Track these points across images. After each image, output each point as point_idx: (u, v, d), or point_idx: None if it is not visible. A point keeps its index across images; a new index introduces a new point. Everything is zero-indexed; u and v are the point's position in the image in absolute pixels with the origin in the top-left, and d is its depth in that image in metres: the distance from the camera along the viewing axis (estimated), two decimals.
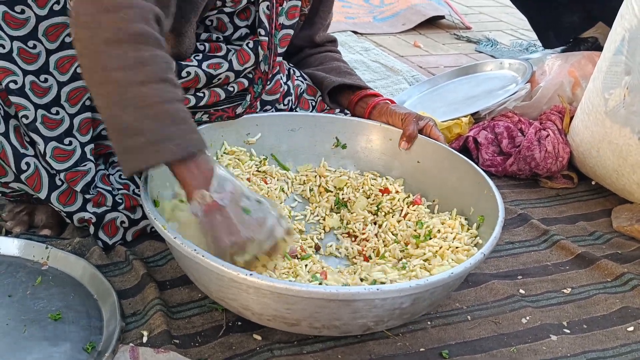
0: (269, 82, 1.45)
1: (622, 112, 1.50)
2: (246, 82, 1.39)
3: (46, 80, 1.21)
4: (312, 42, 1.64)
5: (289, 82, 1.53)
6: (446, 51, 2.90)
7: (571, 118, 1.79)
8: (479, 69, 2.26)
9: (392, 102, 1.51)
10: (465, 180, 1.31)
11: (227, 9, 1.33)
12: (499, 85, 2.08)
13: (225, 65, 1.34)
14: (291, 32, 1.44)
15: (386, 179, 1.43)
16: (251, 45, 1.36)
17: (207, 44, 1.35)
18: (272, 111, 1.51)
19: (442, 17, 3.29)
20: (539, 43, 2.63)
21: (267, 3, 1.34)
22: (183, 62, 1.29)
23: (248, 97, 1.41)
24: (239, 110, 1.41)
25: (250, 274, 0.95)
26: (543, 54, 2.36)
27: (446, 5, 3.33)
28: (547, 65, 1.99)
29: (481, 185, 1.25)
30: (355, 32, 3.02)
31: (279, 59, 1.44)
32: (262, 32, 1.36)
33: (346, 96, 1.56)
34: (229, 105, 1.40)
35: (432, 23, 3.25)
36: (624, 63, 1.49)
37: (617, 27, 1.54)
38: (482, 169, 1.31)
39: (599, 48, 2.01)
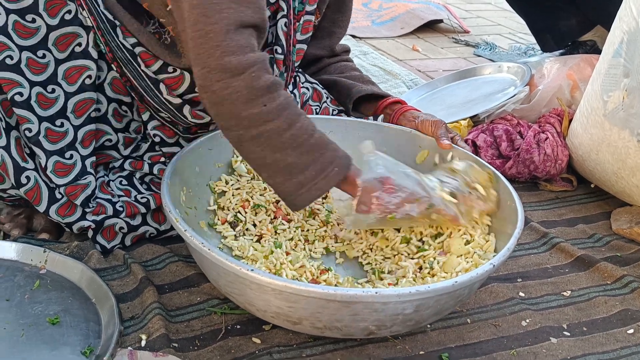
0: None
1: (621, 114, 1.49)
2: None
3: (53, 90, 1.20)
4: (331, 51, 1.66)
5: (295, 91, 1.53)
6: (445, 55, 2.90)
7: (570, 121, 1.79)
8: (477, 73, 2.25)
9: (419, 110, 1.51)
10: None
11: None
12: (497, 88, 2.08)
13: None
14: (305, 46, 1.44)
15: None
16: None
17: None
18: None
19: (441, 21, 3.30)
20: (537, 47, 2.63)
21: (285, 20, 1.34)
22: None
23: None
24: None
25: (252, 270, 0.96)
26: (541, 58, 2.36)
27: (445, 9, 3.34)
28: (546, 69, 1.99)
29: (505, 196, 1.25)
30: (353, 36, 3.03)
31: (299, 46, 1.44)
32: (279, 50, 1.35)
33: (370, 104, 1.57)
34: None
35: (431, 27, 3.26)
36: (623, 65, 1.49)
37: (616, 30, 1.54)
38: None
39: (597, 51, 2.01)
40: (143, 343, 1.09)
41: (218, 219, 1.29)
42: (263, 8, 1.09)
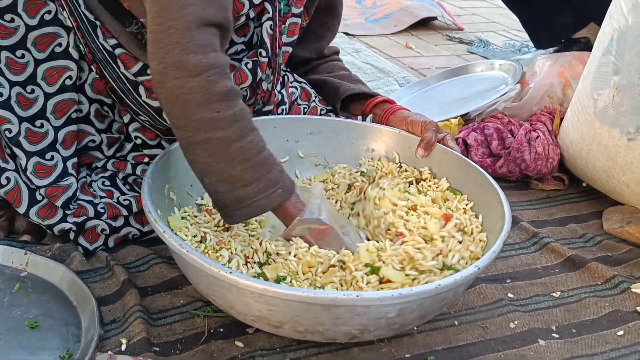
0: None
1: (611, 112, 1.48)
2: None
3: (33, 91, 1.18)
4: (320, 54, 1.65)
5: (283, 91, 1.51)
6: (438, 52, 2.88)
7: (561, 119, 1.77)
8: (469, 70, 2.24)
9: (408, 109, 1.50)
10: (479, 192, 1.29)
11: None
12: (489, 86, 2.06)
13: None
14: (290, 49, 1.42)
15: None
16: (250, 65, 1.34)
17: None
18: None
19: (435, 18, 3.28)
20: (532, 44, 2.62)
21: (270, 22, 1.32)
22: None
23: None
24: None
25: (230, 272, 0.94)
26: (534, 55, 2.35)
27: (439, 6, 3.32)
28: (538, 66, 1.97)
29: (493, 197, 1.23)
30: (346, 34, 3.01)
31: (285, 49, 1.41)
32: (263, 52, 1.33)
33: (358, 104, 1.55)
34: None
35: (425, 24, 3.24)
36: (613, 63, 1.47)
37: (606, 27, 1.53)
38: None
39: (591, 48, 2.00)
40: (123, 347, 1.07)
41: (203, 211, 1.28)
42: (227, 7, 1.07)
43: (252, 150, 1.04)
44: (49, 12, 1.17)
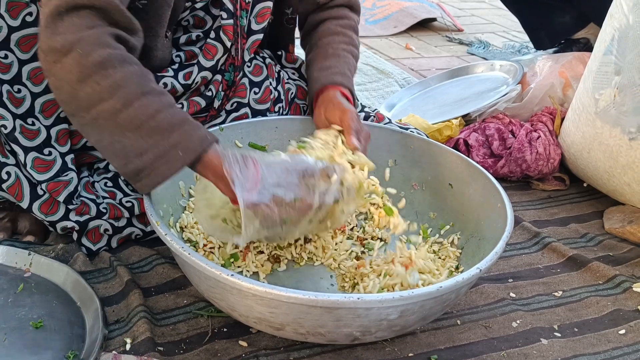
0: (257, 90, 1.42)
1: (612, 112, 1.48)
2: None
3: (19, 90, 1.18)
4: (316, 4, 1.49)
5: (279, 88, 1.50)
6: (438, 53, 2.89)
7: (562, 119, 1.77)
8: (470, 71, 2.25)
9: (349, 98, 1.36)
10: (481, 192, 1.29)
11: (199, 4, 1.31)
12: (490, 87, 2.07)
13: (195, 70, 1.31)
14: (269, 4, 1.37)
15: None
16: (213, 35, 1.32)
17: (182, 54, 1.33)
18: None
19: (434, 19, 3.29)
20: (531, 45, 2.62)
21: None
22: (159, 74, 1.27)
23: (220, 88, 1.36)
24: (216, 104, 1.37)
25: (232, 275, 0.94)
26: (534, 56, 2.35)
27: (438, 7, 3.33)
28: (538, 67, 1.98)
29: (495, 197, 1.23)
30: None
31: (255, 37, 1.37)
32: (224, 15, 1.30)
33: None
34: (208, 109, 1.37)
35: (424, 25, 3.25)
36: (614, 63, 1.48)
37: (607, 27, 1.53)
38: None
39: (591, 49, 2.00)
40: (128, 347, 1.07)
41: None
42: None
43: (141, 116, 0.98)
44: (30, 13, 1.16)
